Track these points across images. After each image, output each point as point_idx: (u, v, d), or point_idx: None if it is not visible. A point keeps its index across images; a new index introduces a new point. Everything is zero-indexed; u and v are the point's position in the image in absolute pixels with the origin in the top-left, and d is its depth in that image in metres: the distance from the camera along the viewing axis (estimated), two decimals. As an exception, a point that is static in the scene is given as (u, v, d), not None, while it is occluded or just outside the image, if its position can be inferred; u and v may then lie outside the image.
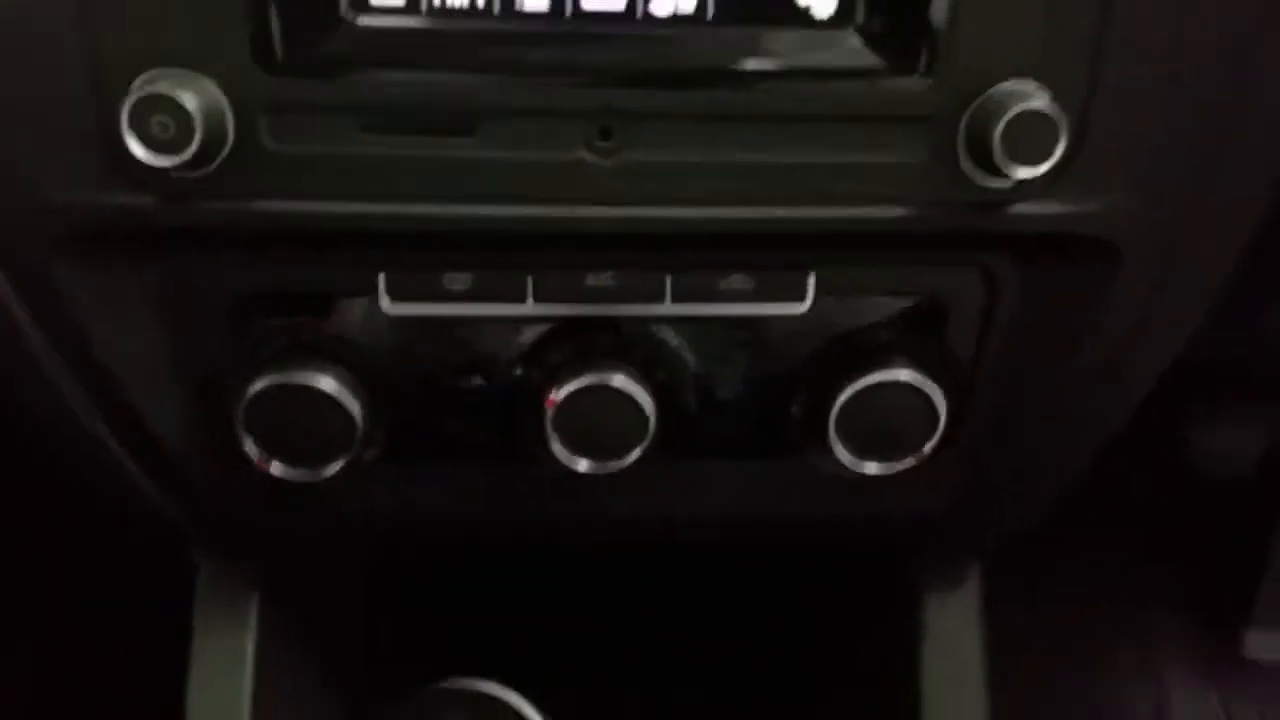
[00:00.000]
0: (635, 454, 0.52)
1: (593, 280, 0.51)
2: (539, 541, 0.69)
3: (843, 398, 0.51)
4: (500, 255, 0.51)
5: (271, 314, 0.52)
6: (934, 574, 0.67)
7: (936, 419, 0.51)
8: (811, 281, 0.52)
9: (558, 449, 0.51)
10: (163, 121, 0.42)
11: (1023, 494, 0.62)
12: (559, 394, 0.50)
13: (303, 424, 0.50)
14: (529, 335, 0.53)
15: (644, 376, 0.51)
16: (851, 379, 0.51)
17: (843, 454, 0.52)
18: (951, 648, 0.67)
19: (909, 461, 0.53)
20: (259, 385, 0.50)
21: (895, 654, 0.69)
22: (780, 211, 0.49)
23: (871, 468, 0.53)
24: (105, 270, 0.50)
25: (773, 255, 0.52)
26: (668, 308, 0.52)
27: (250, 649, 0.65)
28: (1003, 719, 0.68)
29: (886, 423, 0.52)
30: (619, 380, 0.50)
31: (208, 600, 0.66)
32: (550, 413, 0.50)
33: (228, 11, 0.44)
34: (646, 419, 0.51)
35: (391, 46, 0.46)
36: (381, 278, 0.51)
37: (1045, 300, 0.52)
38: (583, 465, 0.52)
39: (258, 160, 0.46)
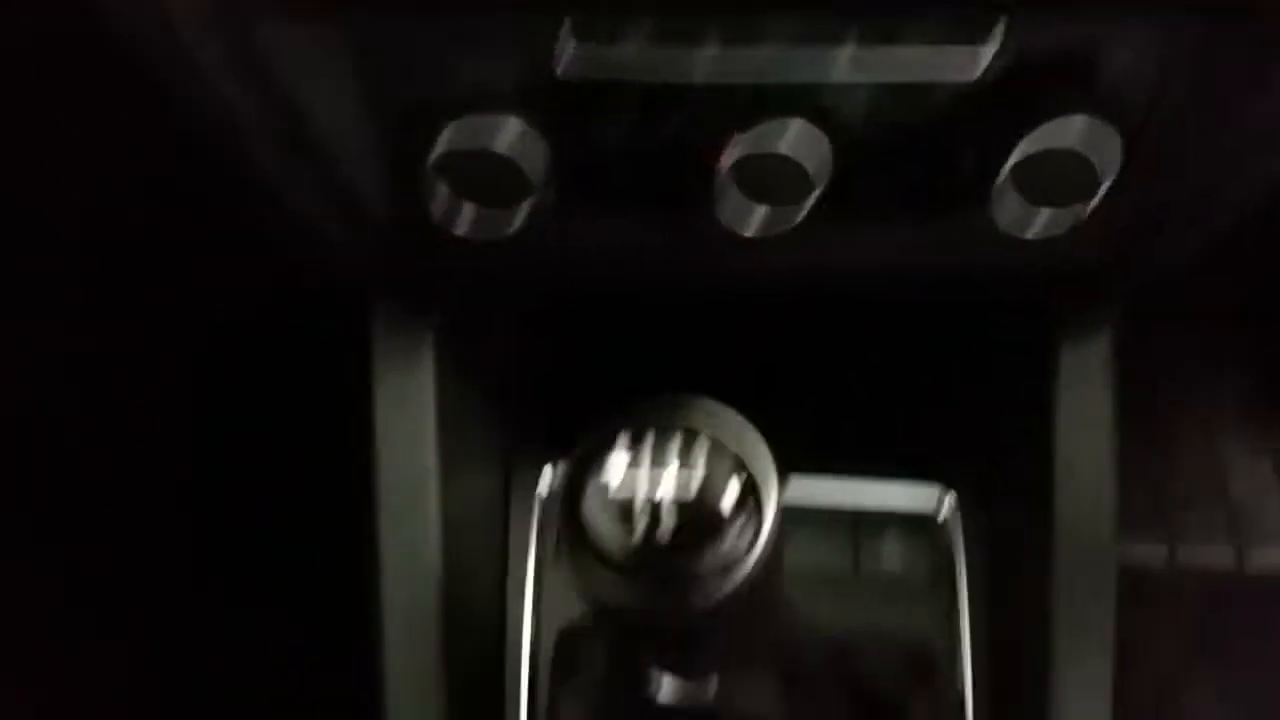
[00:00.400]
0: (808, 204, 0.51)
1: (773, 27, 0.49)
2: (704, 295, 0.71)
3: (1020, 146, 0.49)
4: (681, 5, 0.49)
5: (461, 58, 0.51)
6: (1074, 323, 0.69)
7: (1110, 166, 0.50)
8: (1000, 28, 0.50)
9: (733, 197, 0.51)
10: None
11: (1174, 244, 0.62)
12: (736, 141, 0.50)
13: (488, 182, 0.50)
14: (705, 90, 0.52)
15: (821, 125, 0.50)
16: (1029, 126, 0.49)
17: (1015, 204, 0.51)
18: (1085, 391, 0.69)
19: (1079, 210, 0.52)
20: (446, 137, 0.50)
21: (1030, 401, 0.71)
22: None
23: (1042, 217, 0.52)
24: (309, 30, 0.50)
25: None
26: (848, 52, 0.50)
27: (431, 385, 0.67)
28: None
29: (1061, 170, 0.50)
30: (796, 127, 0.49)
31: (387, 343, 0.67)
32: (725, 162, 0.50)
33: None
34: (822, 167, 0.50)
35: None
36: (567, 22, 0.49)
37: (1224, 56, 0.50)
38: (757, 215, 0.52)
39: None
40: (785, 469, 0.46)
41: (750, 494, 0.44)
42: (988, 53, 0.49)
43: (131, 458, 1.17)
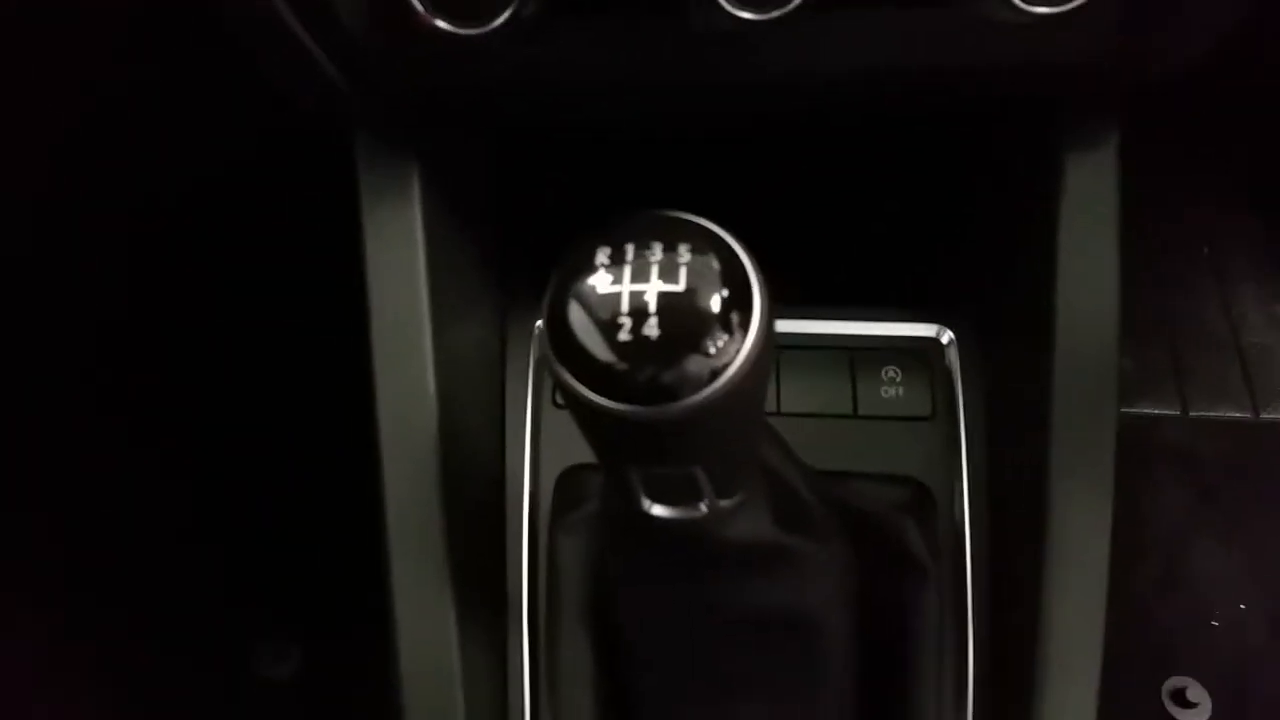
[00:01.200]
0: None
1: None
2: (693, 107, 0.68)
3: None
4: None
5: None
6: (1077, 138, 0.66)
7: None
8: None
9: None
10: None
11: (1181, 32, 0.59)
12: None
13: None
14: None
15: None
16: None
17: None
18: (1090, 214, 0.66)
19: None
20: None
21: (1031, 226, 0.69)
22: None
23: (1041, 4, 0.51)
24: None
25: None
26: None
27: (419, 219, 0.66)
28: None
29: None
30: None
31: (372, 175, 0.66)
32: None
33: None
34: None
35: None
36: None
37: None
38: (741, 11, 0.50)
39: None
40: (773, 281, 0.45)
41: (735, 301, 0.43)
42: None
43: (119, 318, 1.18)
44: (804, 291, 0.74)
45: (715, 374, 0.42)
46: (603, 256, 0.43)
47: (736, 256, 0.44)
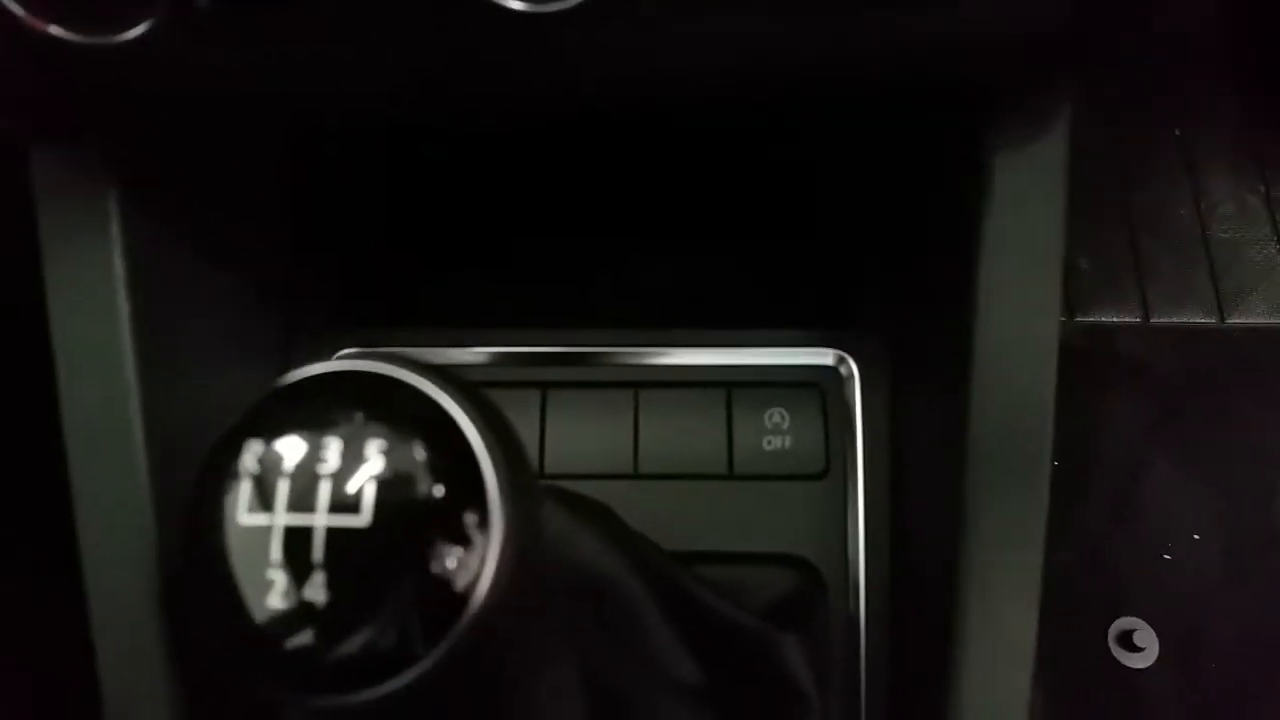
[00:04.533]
0: None
1: None
2: (478, 118, 0.53)
3: None
4: None
5: None
6: (1013, 123, 0.49)
7: None
8: None
9: None
10: None
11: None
12: None
13: None
14: None
15: None
16: None
17: None
18: (1024, 218, 0.50)
19: None
20: None
21: (950, 236, 0.53)
22: None
23: None
24: None
25: None
26: None
27: (118, 250, 0.48)
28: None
29: None
30: None
31: (52, 199, 0.49)
32: None
33: None
34: None
35: None
36: None
37: None
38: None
39: None
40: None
41: (457, 499, 0.30)
42: None
43: None
44: (671, 311, 0.59)
45: (450, 615, 0.28)
46: (251, 460, 0.29)
47: (456, 431, 0.30)
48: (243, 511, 0.29)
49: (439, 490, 0.29)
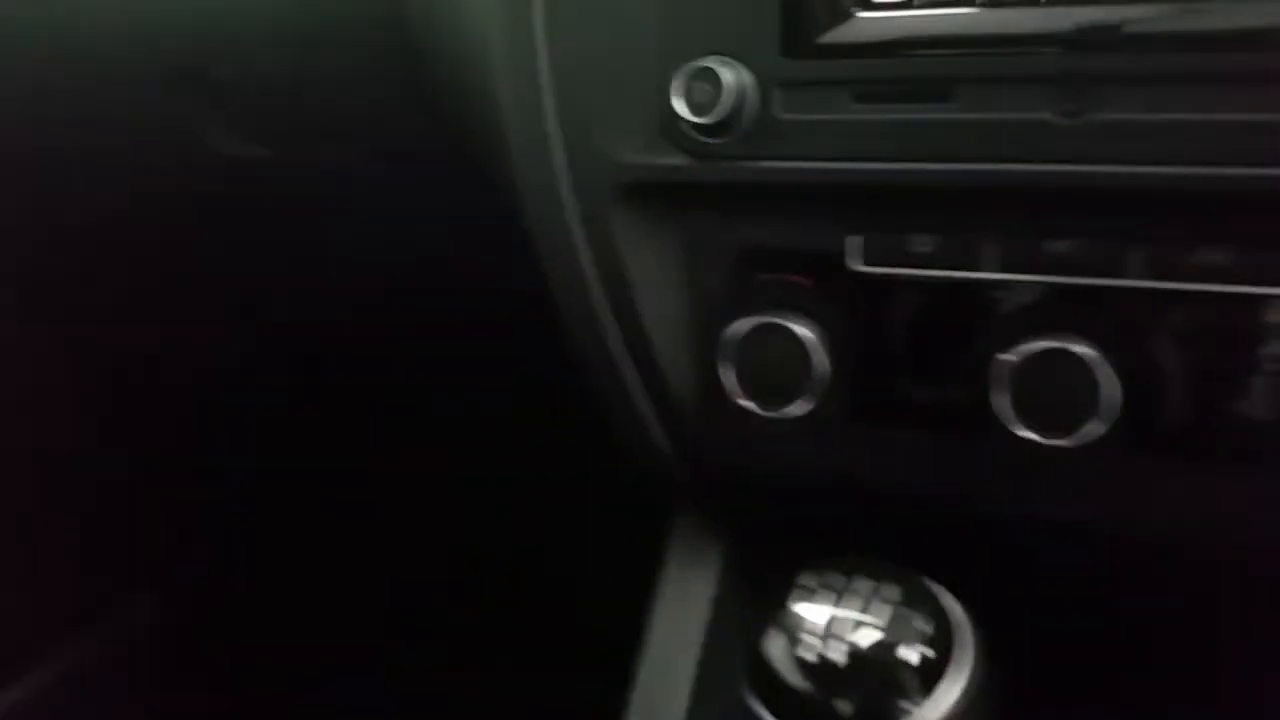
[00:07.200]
0: (1092, 431, 0.51)
1: (1053, 247, 0.54)
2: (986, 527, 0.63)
3: None
4: (965, 217, 0.56)
5: (763, 268, 0.61)
6: None
7: None
8: None
9: (1003, 411, 0.52)
10: (703, 88, 0.56)
11: None
12: (1015, 355, 0.52)
13: (775, 363, 0.58)
14: (985, 300, 0.56)
15: (1107, 349, 0.51)
16: None
17: None
18: None
19: None
20: (743, 325, 0.59)
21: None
22: (1265, 170, 0.48)
23: None
24: (647, 220, 0.63)
25: (1255, 224, 0.49)
26: (1133, 281, 0.52)
27: (711, 595, 0.70)
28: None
29: None
30: (1079, 348, 0.51)
31: (680, 546, 0.72)
32: (1004, 373, 0.52)
33: (762, 13, 0.56)
34: (1104, 393, 0.50)
35: (884, 31, 0.55)
36: (853, 240, 0.58)
37: None
38: (1029, 434, 0.52)
39: (770, 127, 0.57)
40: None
41: (932, 660, 0.50)
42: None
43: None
44: None
45: None
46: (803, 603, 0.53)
47: (934, 622, 0.51)
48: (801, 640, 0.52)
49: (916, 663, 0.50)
